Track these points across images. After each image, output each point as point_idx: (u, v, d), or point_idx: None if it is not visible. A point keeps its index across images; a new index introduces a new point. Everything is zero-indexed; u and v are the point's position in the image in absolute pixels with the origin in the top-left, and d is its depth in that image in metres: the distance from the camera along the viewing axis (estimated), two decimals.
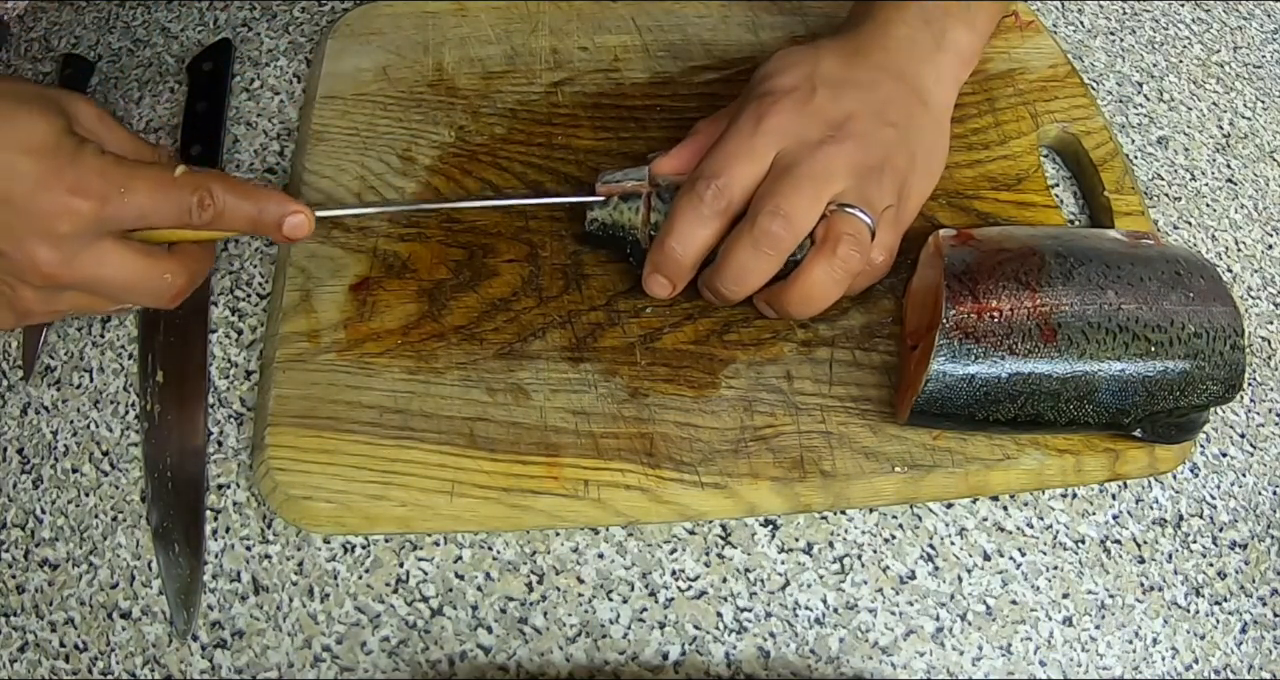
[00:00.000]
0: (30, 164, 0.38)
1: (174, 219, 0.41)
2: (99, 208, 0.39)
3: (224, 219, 0.42)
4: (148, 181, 0.40)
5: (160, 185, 0.40)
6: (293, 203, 0.43)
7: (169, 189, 0.40)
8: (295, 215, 0.43)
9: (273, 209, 0.43)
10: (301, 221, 0.43)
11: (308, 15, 0.62)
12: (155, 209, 0.40)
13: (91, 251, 0.40)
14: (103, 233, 0.40)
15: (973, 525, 0.46)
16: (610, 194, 0.48)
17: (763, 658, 0.43)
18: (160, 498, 0.46)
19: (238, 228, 0.43)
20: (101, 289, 0.41)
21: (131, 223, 0.40)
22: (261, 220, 0.43)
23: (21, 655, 0.43)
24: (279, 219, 0.43)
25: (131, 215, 0.40)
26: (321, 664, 0.43)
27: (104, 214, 0.39)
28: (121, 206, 0.40)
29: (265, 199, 0.43)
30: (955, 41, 0.50)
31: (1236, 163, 0.59)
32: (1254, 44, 0.66)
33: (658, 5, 0.60)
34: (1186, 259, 0.45)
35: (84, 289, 0.41)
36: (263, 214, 0.43)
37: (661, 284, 0.47)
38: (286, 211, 0.43)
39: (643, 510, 0.44)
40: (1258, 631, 0.45)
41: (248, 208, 0.42)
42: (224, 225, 0.42)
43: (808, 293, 0.44)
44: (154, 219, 0.41)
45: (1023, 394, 0.42)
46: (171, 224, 0.41)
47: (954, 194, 0.53)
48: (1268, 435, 0.50)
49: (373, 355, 0.47)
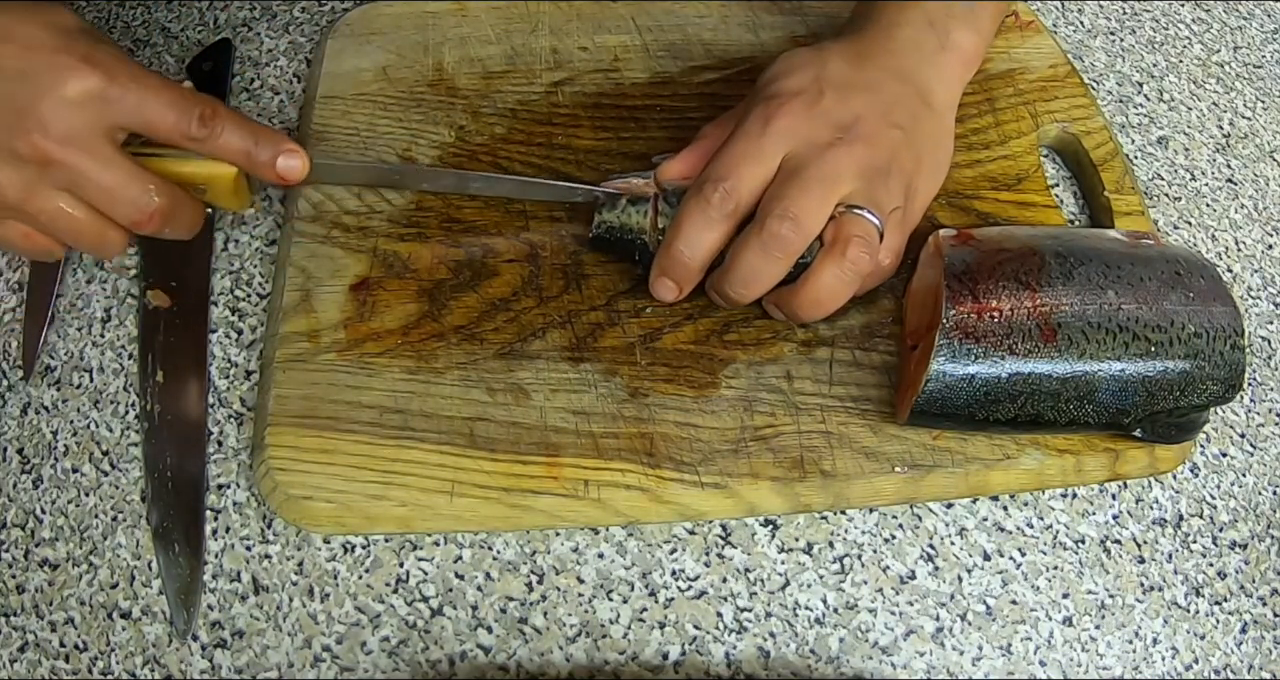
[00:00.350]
0: (49, 35, 0.39)
1: (173, 124, 0.41)
2: (105, 83, 0.39)
3: (220, 141, 0.42)
4: (157, 79, 0.40)
5: (168, 87, 0.41)
6: (289, 142, 0.43)
7: (175, 92, 0.41)
8: (291, 155, 0.43)
9: (270, 144, 0.43)
10: (297, 164, 0.43)
11: (308, 15, 0.62)
12: (158, 106, 0.40)
13: (86, 140, 0.39)
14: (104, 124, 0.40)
15: (973, 525, 0.46)
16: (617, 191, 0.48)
17: (763, 658, 0.43)
18: (160, 498, 0.46)
19: (232, 156, 0.43)
20: (84, 186, 0.40)
21: (132, 112, 0.40)
22: (256, 154, 0.43)
23: (21, 655, 0.43)
24: (274, 155, 0.43)
25: (133, 104, 0.40)
26: (321, 664, 0.43)
27: (109, 92, 0.39)
28: (126, 91, 0.39)
29: (265, 134, 0.43)
30: (958, 43, 0.50)
31: (1236, 163, 0.59)
32: (1254, 44, 0.66)
33: (658, 5, 0.60)
34: (1186, 259, 0.45)
35: (67, 182, 0.40)
36: (259, 146, 0.43)
37: (669, 287, 0.47)
38: (282, 148, 0.43)
39: (643, 510, 0.44)
40: (1258, 631, 0.45)
41: (245, 136, 0.42)
42: (219, 149, 0.42)
43: (817, 295, 0.44)
44: (153, 116, 0.40)
45: (1023, 394, 0.42)
46: (169, 130, 0.41)
47: (954, 194, 0.53)
48: (1268, 435, 0.50)
49: (373, 355, 0.47)
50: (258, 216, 0.54)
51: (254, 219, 0.54)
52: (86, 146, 0.40)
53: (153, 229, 0.43)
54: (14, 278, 0.52)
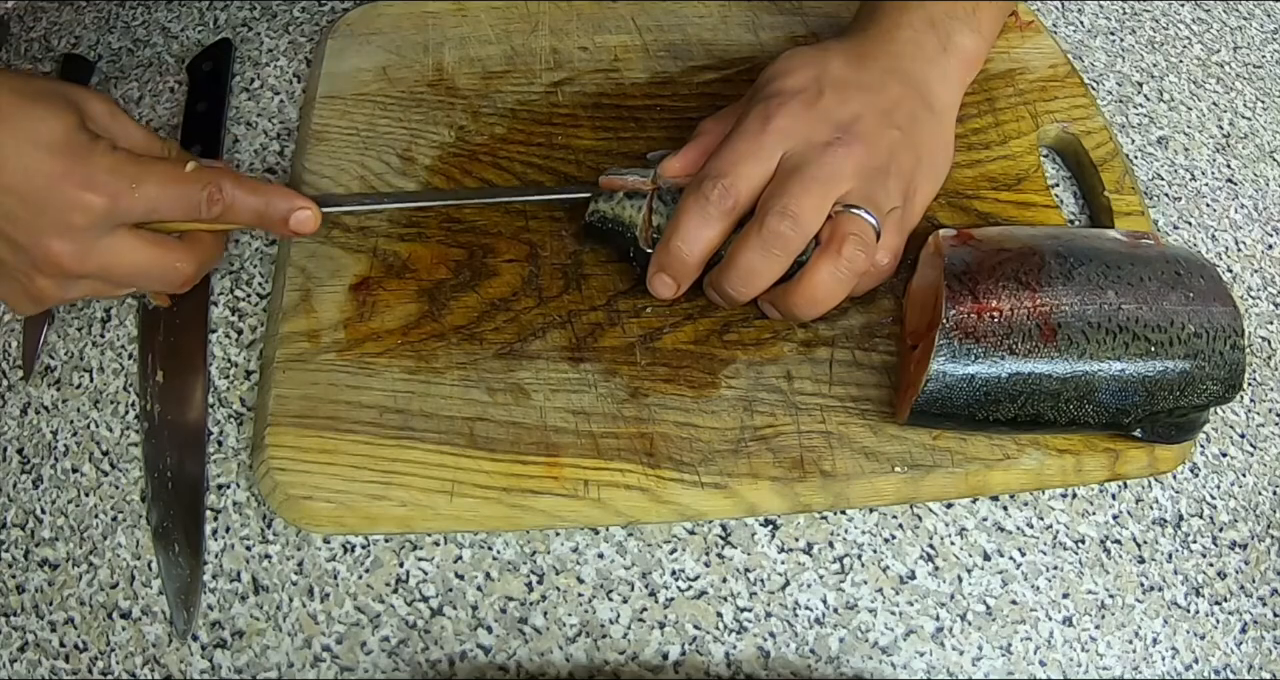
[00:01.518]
0: (44, 160, 0.39)
1: (183, 213, 0.42)
2: (111, 203, 0.40)
3: (232, 213, 0.44)
4: (158, 176, 0.41)
5: (171, 180, 0.42)
6: (299, 198, 0.45)
7: (179, 184, 0.42)
8: (302, 211, 0.45)
9: (280, 204, 0.44)
10: (308, 217, 0.45)
11: (308, 15, 0.62)
12: (165, 203, 0.42)
13: (104, 243, 0.41)
14: (115, 225, 0.41)
15: (973, 525, 0.46)
16: (613, 187, 0.48)
17: (763, 658, 0.43)
18: (160, 498, 0.46)
19: (244, 221, 0.45)
20: (114, 277, 0.43)
21: (142, 216, 0.42)
22: (268, 214, 0.44)
23: (21, 655, 0.43)
24: (286, 214, 0.45)
25: (142, 209, 0.41)
26: (321, 664, 0.43)
27: (116, 209, 0.40)
28: (133, 202, 0.41)
29: (273, 194, 0.44)
30: (960, 45, 0.50)
31: (1236, 163, 0.59)
32: (1254, 44, 0.66)
33: (658, 5, 0.60)
34: (1186, 259, 0.45)
35: (97, 278, 0.43)
36: (270, 208, 0.44)
37: (666, 284, 0.47)
38: (294, 207, 0.45)
39: (643, 510, 0.44)
40: (1258, 631, 0.45)
41: (255, 202, 0.44)
42: (232, 219, 0.44)
43: (813, 294, 0.44)
44: (164, 212, 0.42)
45: (1023, 394, 0.42)
46: (181, 217, 0.43)
47: (954, 194, 0.53)
48: (1268, 435, 0.50)
49: (373, 355, 0.47)
50: None
51: None
52: (107, 248, 0.41)
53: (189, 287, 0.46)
54: None
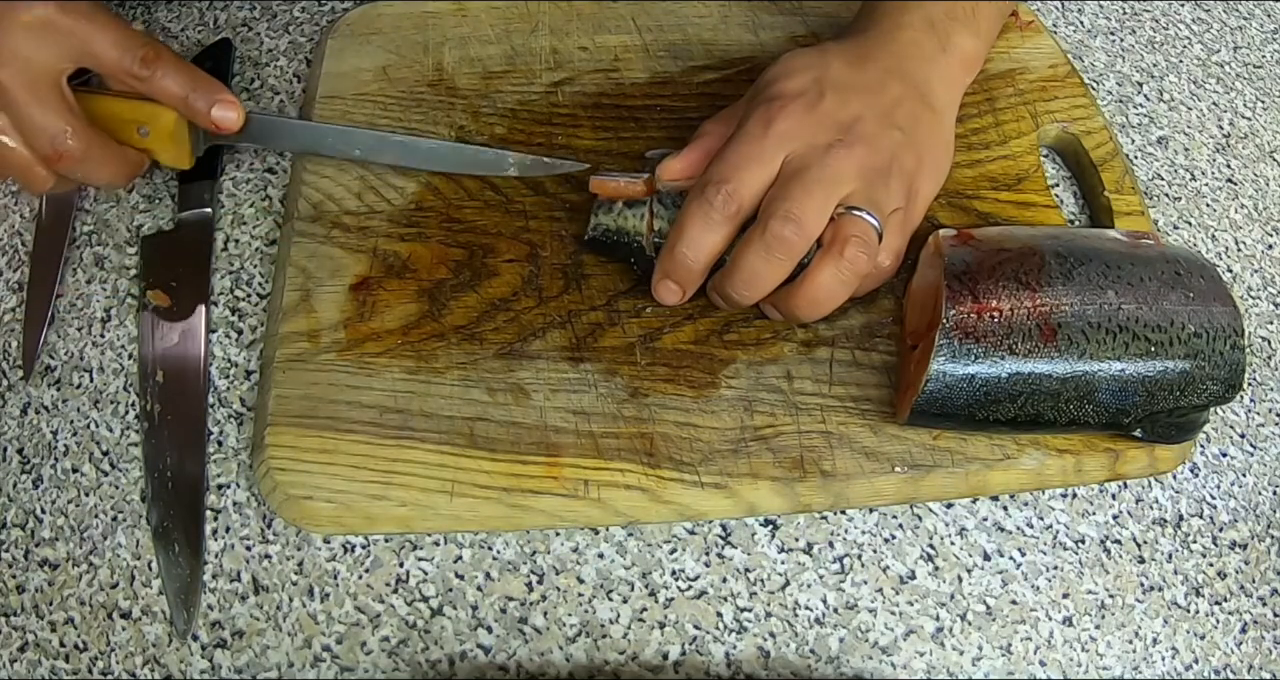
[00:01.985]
0: None
1: (115, 60, 0.43)
2: (57, 14, 0.42)
3: (159, 83, 0.44)
4: (108, 17, 0.43)
5: (117, 25, 0.43)
6: (228, 94, 0.46)
7: (123, 31, 0.43)
8: (225, 105, 0.46)
9: (207, 93, 0.46)
10: (231, 115, 0.46)
11: (308, 15, 0.62)
12: (103, 42, 0.43)
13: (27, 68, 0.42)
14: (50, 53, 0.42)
15: (973, 525, 0.46)
16: (604, 190, 0.48)
17: (763, 658, 0.43)
18: (160, 498, 0.46)
19: (169, 99, 0.45)
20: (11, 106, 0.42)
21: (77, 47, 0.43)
22: (193, 100, 0.45)
23: (21, 655, 0.43)
24: (209, 104, 0.46)
25: (80, 37, 0.43)
26: (321, 664, 0.43)
27: (59, 22, 0.42)
28: (75, 23, 0.42)
29: (204, 82, 0.46)
30: (959, 45, 0.50)
31: (1236, 163, 0.59)
32: (1254, 44, 0.66)
33: (658, 5, 0.60)
34: (1186, 259, 0.45)
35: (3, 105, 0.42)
36: (196, 93, 0.45)
37: (672, 290, 0.47)
38: (217, 98, 0.46)
39: (643, 510, 0.44)
40: (1258, 631, 0.45)
41: (184, 81, 0.45)
42: (158, 91, 0.45)
43: (814, 295, 0.44)
44: (97, 50, 0.43)
45: (1023, 394, 0.42)
46: (112, 65, 0.44)
47: (954, 194, 0.53)
48: (1268, 435, 0.50)
49: (373, 355, 0.47)
50: (258, 216, 0.54)
51: (254, 219, 0.54)
52: (25, 75, 0.42)
53: (65, 168, 0.44)
54: (14, 278, 0.52)
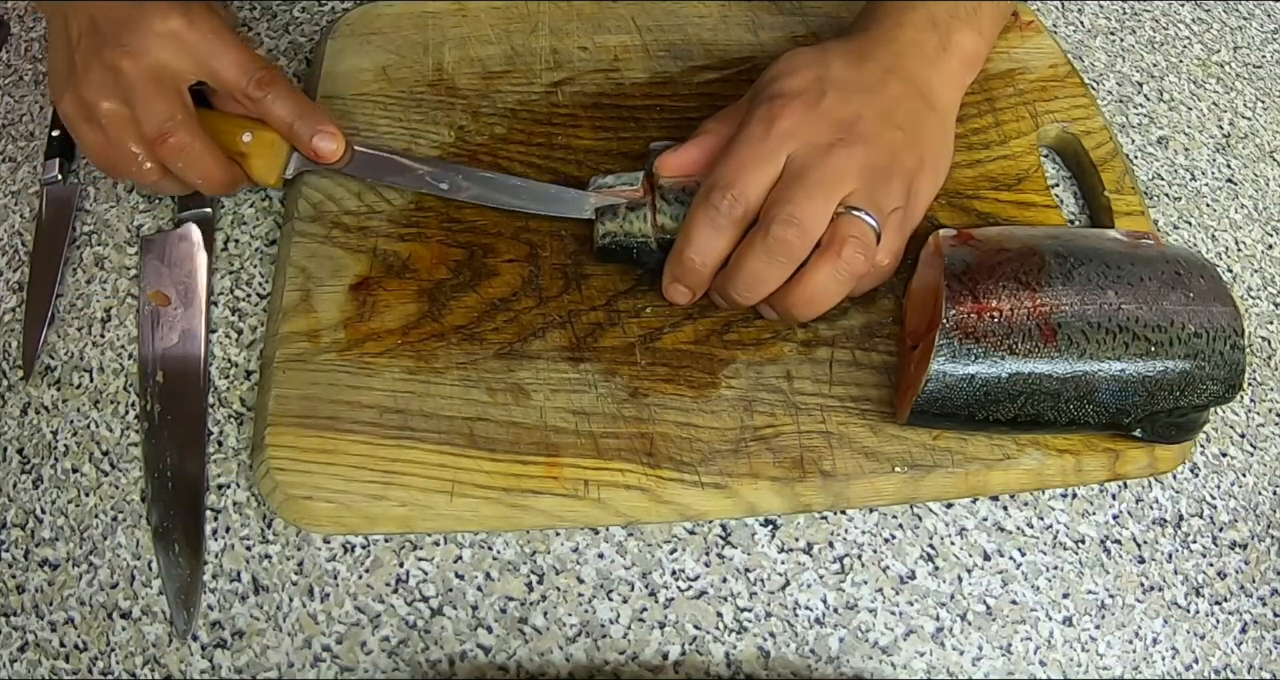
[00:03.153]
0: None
1: (233, 79, 0.47)
2: (186, 28, 0.45)
3: (269, 106, 0.47)
4: (232, 39, 0.47)
5: (239, 48, 0.47)
6: (330, 125, 0.49)
7: (243, 53, 0.47)
8: (326, 136, 0.48)
9: (311, 121, 0.48)
10: (331, 146, 0.49)
11: (308, 15, 0.62)
12: (226, 58, 0.46)
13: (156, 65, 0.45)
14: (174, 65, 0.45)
15: (973, 525, 0.46)
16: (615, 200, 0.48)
17: (763, 658, 0.43)
18: (160, 498, 0.46)
19: (276, 123, 0.48)
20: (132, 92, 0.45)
21: (200, 61, 0.46)
22: (297, 127, 0.48)
23: (21, 655, 0.43)
24: (311, 133, 0.48)
25: (204, 52, 0.46)
26: (321, 664, 0.43)
27: (186, 36, 0.45)
28: (201, 40, 0.46)
29: (311, 111, 0.48)
30: (961, 45, 0.50)
31: (1236, 163, 0.59)
32: (1254, 44, 0.66)
33: (658, 5, 0.60)
34: (1186, 259, 0.45)
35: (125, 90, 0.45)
36: (301, 119, 0.48)
37: (682, 293, 0.47)
38: (320, 128, 0.48)
39: (643, 510, 0.44)
40: (1258, 631, 0.45)
41: (294, 106, 0.48)
42: (267, 113, 0.48)
43: (811, 294, 0.44)
44: (217, 67, 0.46)
45: (1023, 394, 0.42)
46: (229, 83, 0.47)
47: (954, 194, 0.53)
48: (1268, 435, 0.50)
49: (373, 355, 0.47)
50: (258, 216, 0.54)
51: (254, 219, 0.54)
52: (150, 71, 0.45)
53: (168, 154, 0.46)
54: (14, 278, 0.52)
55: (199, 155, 0.46)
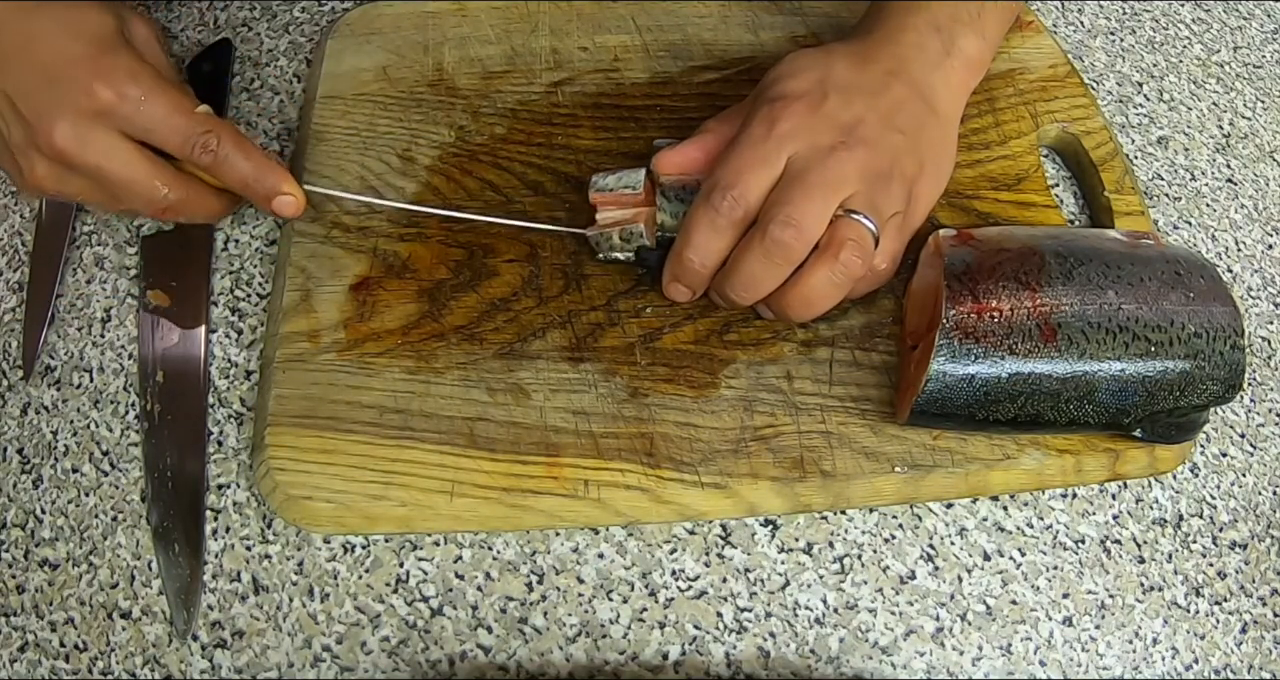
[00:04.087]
0: (73, 45, 0.43)
1: (176, 144, 0.44)
2: (116, 101, 0.42)
3: (220, 168, 0.45)
4: (168, 99, 0.43)
5: (178, 109, 0.43)
6: (289, 183, 0.46)
7: (183, 116, 0.43)
8: (285, 196, 0.46)
9: (268, 180, 0.46)
10: (290, 202, 0.46)
11: (308, 15, 0.62)
12: (164, 128, 0.43)
13: (103, 139, 0.43)
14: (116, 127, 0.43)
15: (973, 525, 0.46)
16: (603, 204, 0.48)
17: (763, 658, 0.43)
18: (160, 498, 0.46)
19: (230, 183, 0.46)
20: (105, 179, 0.43)
21: (139, 130, 0.43)
22: (253, 187, 0.46)
23: (21, 655, 0.43)
24: (270, 192, 0.46)
25: (141, 123, 0.43)
26: (321, 664, 0.43)
27: (118, 109, 0.42)
28: (135, 111, 0.42)
29: (265, 168, 0.45)
30: (964, 49, 0.50)
31: (1236, 163, 0.59)
32: (1254, 44, 0.66)
33: (658, 5, 0.60)
34: (1186, 259, 0.45)
35: (91, 176, 0.43)
36: (256, 181, 0.45)
37: (682, 292, 0.47)
38: (279, 188, 0.46)
39: (643, 510, 0.44)
40: (1258, 631, 0.45)
41: (245, 169, 0.45)
42: (220, 174, 0.45)
43: (807, 296, 0.44)
44: (159, 136, 0.43)
45: (1023, 394, 0.42)
46: (173, 148, 0.44)
47: (954, 194, 0.53)
48: (1268, 435, 0.50)
49: (373, 355, 0.47)
50: (258, 216, 0.54)
51: (254, 219, 0.54)
52: (102, 149, 0.43)
53: (171, 217, 0.46)
54: (14, 278, 0.52)
55: (196, 208, 0.46)
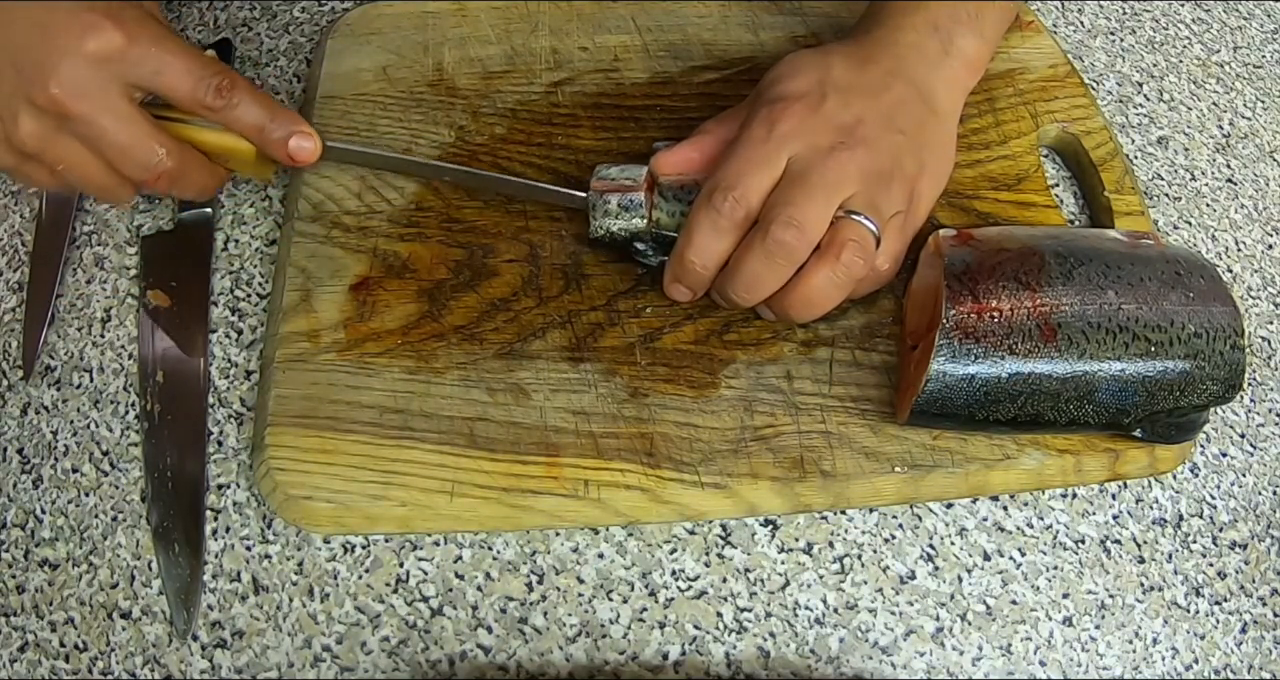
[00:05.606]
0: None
1: (188, 92, 0.42)
2: (125, 43, 0.40)
3: (235, 114, 0.43)
4: (179, 45, 0.41)
5: (190, 53, 0.42)
6: (305, 125, 0.45)
7: (197, 59, 0.42)
8: (303, 137, 0.45)
9: (284, 124, 0.44)
10: (309, 146, 0.45)
11: (308, 15, 0.62)
12: (176, 70, 0.41)
13: (103, 94, 0.40)
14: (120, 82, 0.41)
15: (973, 525, 0.46)
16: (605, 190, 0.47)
17: (763, 658, 0.43)
18: (160, 498, 0.46)
19: (244, 130, 0.44)
20: (96, 139, 0.41)
21: (149, 74, 0.41)
22: (270, 131, 0.44)
23: (21, 655, 0.43)
24: (286, 135, 0.44)
25: (152, 65, 0.41)
26: (321, 664, 0.43)
27: (128, 52, 0.40)
28: (146, 54, 0.40)
29: (280, 112, 0.44)
30: (963, 49, 0.50)
31: (1236, 163, 0.59)
32: (1254, 44, 0.66)
33: (658, 5, 0.60)
34: (1186, 259, 0.45)
35: (81, 133, 0.41)
36: (273, 124, 0.44)
37: (683, 292, 0.47)
38: (295, 129, 0.44)
39: (643, 510, 0.44)
40: (1258, 631, 0.45)
41: (261, 112, 0.44)
42: (233, 121, 0.43)
43: (808, 297, 0.44)
44: (170, 81, 0.41)
45: (1023, 394, 0.42)
46: (185, 97, 0.42)
47: (954, 194, 0.53)
48: (1268, 435, 0.50)
49: (373, 355, 0.47)
50: (258, 216, 0.54)
51: (254, 219, 0.54)
52: (101, 103, 0.41)
53: (161, 188, 0.44)
54: (14, 278, 0.52)
55: (192, 178, 0.45)
